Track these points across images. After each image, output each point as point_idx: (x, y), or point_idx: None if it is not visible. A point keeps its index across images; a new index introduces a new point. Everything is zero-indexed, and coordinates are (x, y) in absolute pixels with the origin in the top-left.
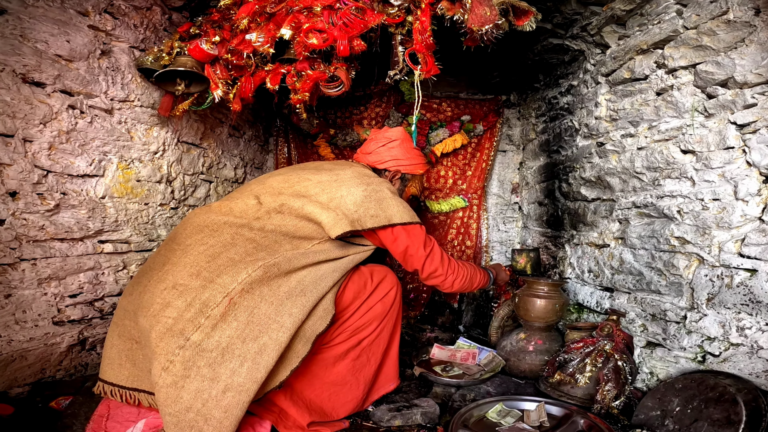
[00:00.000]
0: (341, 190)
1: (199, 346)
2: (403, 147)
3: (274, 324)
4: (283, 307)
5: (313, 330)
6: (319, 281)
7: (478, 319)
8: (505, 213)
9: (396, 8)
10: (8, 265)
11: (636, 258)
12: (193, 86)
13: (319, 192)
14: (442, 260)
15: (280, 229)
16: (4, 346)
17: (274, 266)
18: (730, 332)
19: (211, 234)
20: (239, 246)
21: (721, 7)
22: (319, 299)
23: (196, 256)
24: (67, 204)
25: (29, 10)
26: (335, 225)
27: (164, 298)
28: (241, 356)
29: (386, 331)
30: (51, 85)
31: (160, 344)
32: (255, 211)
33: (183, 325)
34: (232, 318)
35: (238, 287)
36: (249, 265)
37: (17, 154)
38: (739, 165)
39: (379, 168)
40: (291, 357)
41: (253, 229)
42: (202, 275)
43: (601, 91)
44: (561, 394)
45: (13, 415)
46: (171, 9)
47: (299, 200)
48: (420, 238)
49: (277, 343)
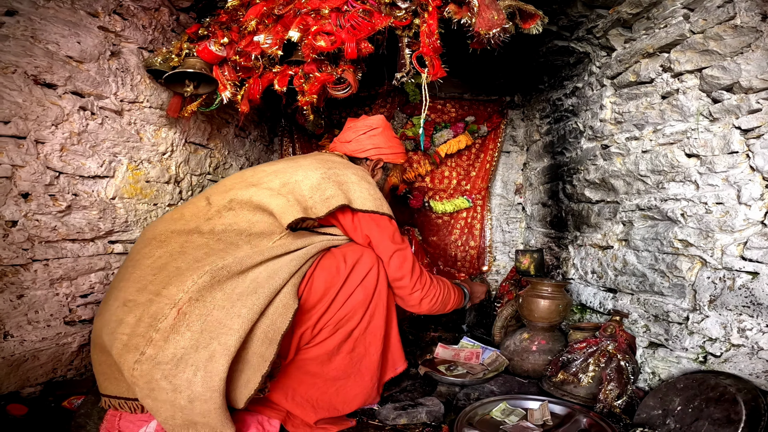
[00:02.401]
0: (297, 175)
1: (155, 360)
2: (384, 135)
3: (223, 329)
4: (234, 309)
5: (274, 329)
6: (274, 275)
7: (482, 318)
8: (509, 214)
9: (403, 11)
10: (21, 266)
11: (639, 260)
12: (201, 87)
13: (272, 178)
14: (414, 270)
15: (233, 228)
16: (17, 346)
17: (222, 269)
18: (731, 333)
19: (158, 245)
20: (188, 254)
21: (728, 12)
22: (274, 294)
23: (143, 270)
24: (79, 205)
25: (40, 11)
26: (286, 212)
27: (118, 316)
28: (194, 365)
29: (378, 317)
30: (62, 87)
31: (121, 360)
32: (205, 213)
33: (136, 340)
34: (184, 328)
35: (185, 297)
36: (195, 272)
37: (29, 156)
38: (742, 169)
39: (360, 156)
40: (256, 362)
41: (203, 234)
42: (148, 289)
43: (606, 94)
44: (564, 394)
45: (27, 415)
46: (179, 10)
47: (248, 190)
48: (388, 230)
49: (225, 348)
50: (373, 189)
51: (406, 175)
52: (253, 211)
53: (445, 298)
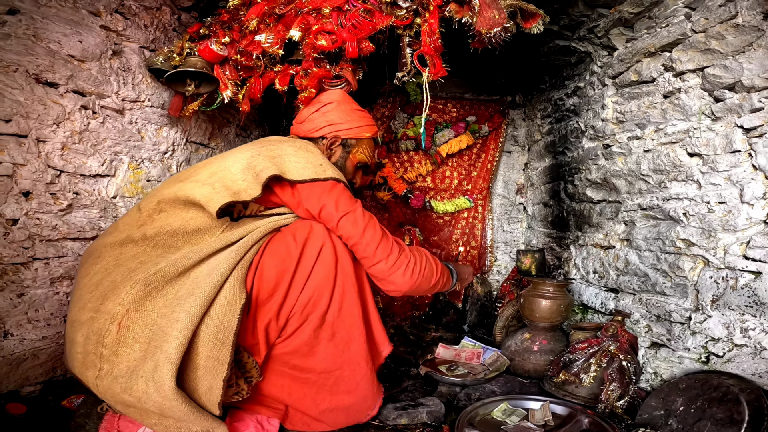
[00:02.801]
0: (226, 161)
1: (112, 374)
2: (340, 109)
3: (164, 336)
4: (173, 315)
5: (223, 329)
6: (212, 272)
7: (483, 318)
8: (510, 214)
9: (404, 10)
10: (21, 265)
11: (641, 259)
12: (202, 87)
13: (200, 171)
14: (370, 235)
15: (165, 229)
16: (17, 345)
17: (155, 275)
18: (734, 333)
19: (94, 262)
20: (123, 265)
21: (729, 11)
22: (216, 292)
23: (81, 290)
24: (80, 204)
25: (42, 9)
26: (211, 199)
27: (69, 336)
28: (143, 376)
29: (350, 296)
30: (64, 86)
31: (84, 378)
32: (136, 221)
33: (91, 358)
34: (131, 341)
35: (122, 309)
36: (128, 283)
37: (31, 155)
38: (745, 168)
39: (315, 137)
40: (213, 365)
41: (137, 242)
42: (87, 307)
43: (608, 93)
44: (565, 394)
45: (26, 414)
46: (180, 9)
47: (174, 187)
48: (331, 195)
49: (167, 356)
50: (313, 157)
51: (407, 174)
52: (184, 208)
53: (427, 271)
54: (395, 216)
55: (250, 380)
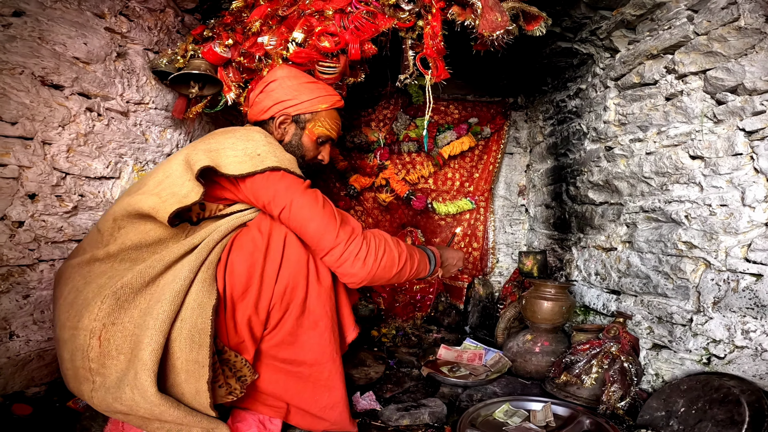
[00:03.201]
0: (171, 165)
1: (104, 386)
2: (285, 85)
3: (140, 344)
4: (145, 323)
5: (198, 331)
6: (175, 277)
7: (484, 320)
8: (512, 215)
9: (407, 13)
10: (27, 266)
11: (643, 261)
12: (206, 89)
13: (148, 179)
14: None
15: (127, 244)
16: (23, 346)
17: (124, 287)
18: (735, 335)
19: (64, 283)
20: (92, 282)
21: (732, 13)
22: (182, 297)
23: (59, 310)
24: (85, 206)
25: (47, 11)
26: (159, 209)
27: (59, 354)
28: (128, 385)
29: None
30: (69, 88)
31: (80, 393)
32: (98, 241)
33: (82, 372)
34: (116, 352)
35: (98, 324)
36: (99, 298)
37: (36, 157)
38: (746, 171)
39: (265, 118)
40: (194, 369)
41: (103, 260)
42: (66, 325)
43: (610, 95)
44: (567, 395)
45: (32, 415)
46: (183, 11)
47: (124, 201)
48: (272, 185)
49: (143, 363)
50: (252, 146)
51: (409, 176)
52: (140, 221)
53: (386, 260)
54: (397, 217)
55: (243, 379)
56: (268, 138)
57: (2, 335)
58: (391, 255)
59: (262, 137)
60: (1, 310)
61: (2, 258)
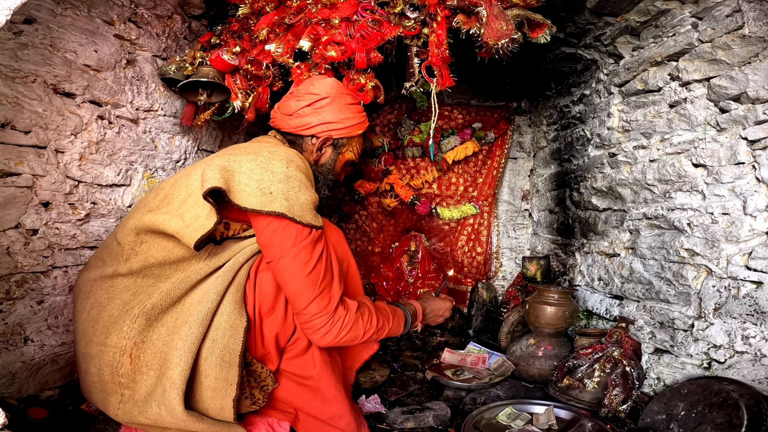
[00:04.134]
0: (191, 179)
1: (133, 399)
2: (335, 106)
3: (168, 363)
4: (173, 342)
5: (229, 351)
6: (202, 300)
7: (488, 324)
8: (516, 220)
9: (412, 21)
10: (41, 273)
11: (646, 268)
12: (214, 96)
13: (171, 198)
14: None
15: (151, 261)
16: (37, 350)
17: (153, 308)
18: (735, 341)
19: (86, 297)
20: (116, 298)
21: (736, 21)
22: (210, 319)
23: (83, 324)
24: (97, 213)
25: (58, 19)
26: (184, 234)
27: (83, 367)
28: (156, 400)
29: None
30: (81, 96)
31: (104, 404)
32: (119, 255)
33: (110, 386)
34: (146, 368)
35: (128, 343)
36: (128, 318)
37: (50, 165)
38: (748, 180)
39: (304, 134)
40: (222, 386)
41: (125, 276)
42: (94, 341)
43: (614, 102)
44: (569, 398)
45: (47, 418)
46: (191, 17)
47: (146, 216)
48: (272, 232)
49: (172, 382)
50: (269, 179)
51: (413, 181)
52: (164, 238)
53: (350, 336)
54: (401, 222)
55: (265, 389)
56: (290, 168)
57: (17, 340)
58: (355, 332)
59: (283, 168)
60: (16, 316)
61: (17, 265)
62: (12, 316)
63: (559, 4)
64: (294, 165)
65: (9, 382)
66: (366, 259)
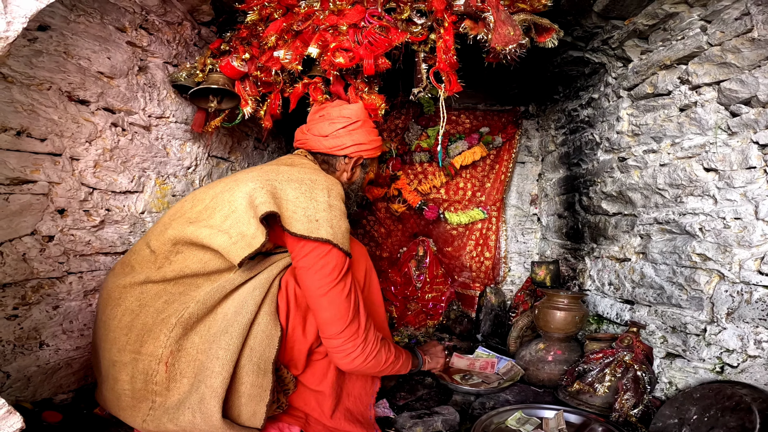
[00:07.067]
0: (235, 196)
1: (164, 406)
2: (365, 128)
3: (207, 371)
4: (211, 351)
5: (265, 359)
6: (241, 310)
7: (496, 328)
8: (524, 224)
9: (419, 26)
10: (57, 279)
11: (657, 273)
12: (224, 102)
13: (211, 212)
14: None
15: (185, 272)
16: (52, 355)
17: (191, 317)
18: (748, 345)
19: (116, 304)
20: (149, 306)
21: (745, 24)
22: (248, 328)
23: (114, 332)
24: (111, 220)
25: (71, 26)
26: (230, 251)
27: (112, 374)
28: (190, 408)
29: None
30: (95, 103)
31: (135, 411)
32: (152, 261)
33: (142, 393)
34: (180, 376)
35: (165, 351)
36: (165, 327)
37: (65, 173)
38: (760, 185)
39: (338, 155)
40: (257, 393)
41: (157, 282)
42: (127, 349)
43: (623, 105)
44: (579, 403)
45: (62, 422)
46: (200, 24)
47: (187, 229)
48: (317, 259)
49: (212, 390)
50: (314, 207)
51: (421, 186)
52: (202, 250)
53: (374, 365)
54: (409, 227)
55: (287, 392)
56: (331, 197)
57: (33, 345)
58: (378, 362)
59: (326, 197)
60: (32, 321)
61: (33, 271)
62: (28, 321)
63: (566, 8)
64: (335, 194)
65: (24, 386)
66: (374, 264)
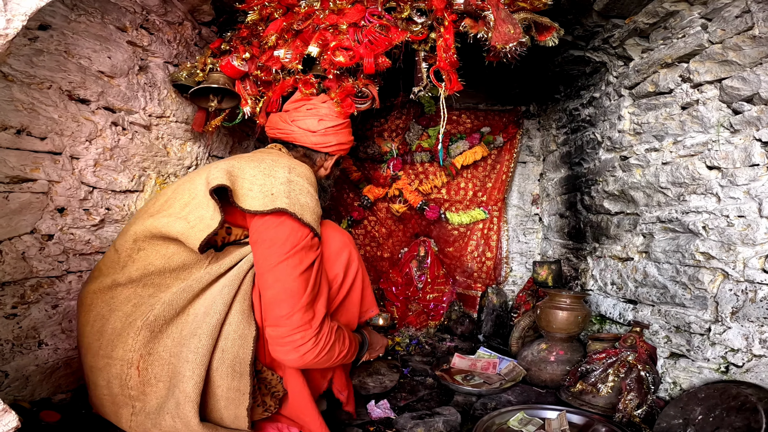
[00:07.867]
0: (195, 184)
1: (144, 411)
2: (348, 129)
3: (179, 376)
4: (182, 355)
5: (240, 361)
6: (209, 311)
7: (498, 329)
8: (526, 224)
9: (420, 25)
10: (56, 278)
11: (660, 272)
12: (224, 102)
13: (172, 202)
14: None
15: (150, 269)
16: (51, 354)
17: (157, 320)
18: (753, 344)
19: (87, 310)
20: (118, 311)
21: (746, 22)
22: (218, 329)
23: (88, 337)
24: (111, 219)
25: (72, 25)
26: (189, 236)
27: (92, 380)
28: (169, 412)
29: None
30: (95, 102)
31: (116, 416)
32: (116, 262)
33: (121, 399)
34: (155, 380)
35: (135, 355)
36: (132, 330)
37: (65, 172)
38: (763, 182)
39: (321, 151)
40: (235, 396)
41: (125, 286)
42: (100, 354)
43: (625, 104)
44: (582, 403)
45: (60, 422)
46: (201, 24)
47: (147, 221)
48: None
49: (186, 395)
50: (270, 183)
51: (422, 186)
52: (163, 244)
53: (326, 358)
54: (410, 227)
55: (276, 395)
56: (292, 174)
57: (31, 344)
58: (330, 356)
59: (285, 173)
60: (31, 320)
61: (32, 270)
62: (27, 320)
63: (567, 6)
64: (296, 172)
65: (22, 385)
66: (375, 265)
